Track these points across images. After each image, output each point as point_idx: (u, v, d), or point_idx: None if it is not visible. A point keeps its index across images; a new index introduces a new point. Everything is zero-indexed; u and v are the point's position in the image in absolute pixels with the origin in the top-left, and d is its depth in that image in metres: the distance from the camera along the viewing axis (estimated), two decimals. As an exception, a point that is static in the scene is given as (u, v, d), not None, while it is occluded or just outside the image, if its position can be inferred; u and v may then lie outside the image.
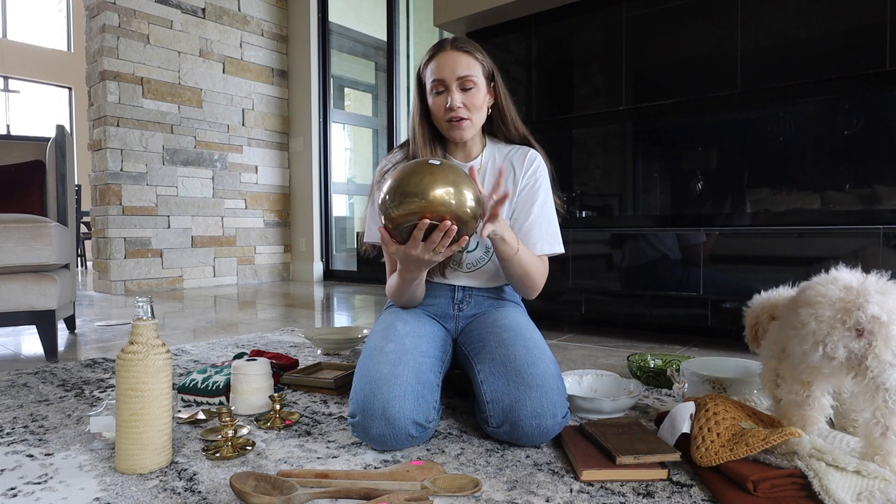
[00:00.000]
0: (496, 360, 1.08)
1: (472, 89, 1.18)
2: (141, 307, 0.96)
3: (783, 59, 1.90)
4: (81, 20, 8.65)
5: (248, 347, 2.06)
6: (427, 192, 0.95)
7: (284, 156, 5.00)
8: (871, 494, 0.76)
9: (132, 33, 4.03)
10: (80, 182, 7.49)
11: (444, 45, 1.20)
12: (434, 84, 1.19)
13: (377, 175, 1.30)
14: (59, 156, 2.26)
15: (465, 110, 1.19)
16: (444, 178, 0.97)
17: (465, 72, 1.17)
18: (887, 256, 1.69)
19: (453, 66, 1.17)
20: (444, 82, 1.18)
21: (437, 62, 1.18)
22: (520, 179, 1.27)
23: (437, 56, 1.19)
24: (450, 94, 1.17)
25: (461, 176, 1.00)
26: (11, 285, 1.87)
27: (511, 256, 1.15)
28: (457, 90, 1.18)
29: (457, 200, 0.97)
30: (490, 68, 1.23)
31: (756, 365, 1.34)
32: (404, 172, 0.99)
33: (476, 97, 1.19)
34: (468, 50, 1.19)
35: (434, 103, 1.20)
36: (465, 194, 0.98)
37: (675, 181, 2.20)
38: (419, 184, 0.96)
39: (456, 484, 0.87)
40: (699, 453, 0.90)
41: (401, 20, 4.44)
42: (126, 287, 4.03)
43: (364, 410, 1.01)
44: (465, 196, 0.98)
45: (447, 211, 0.96)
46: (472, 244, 1.27)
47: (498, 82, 1.26)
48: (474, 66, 1.18)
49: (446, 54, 1.18)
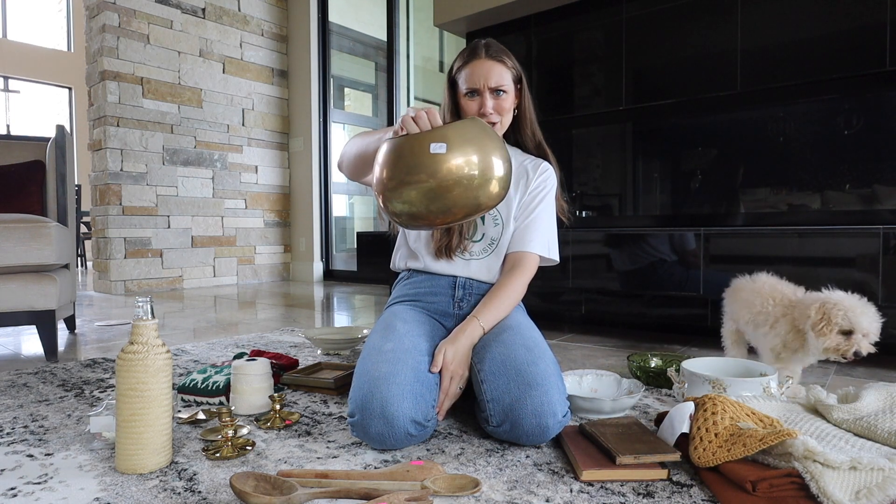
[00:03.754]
0: (496, 359, 1.09)
1: (503, 94, 1.26)
2: (141, 307, 0.96)
3: (783, 59, 1.90)
4: (81, 20, 8.66)
5: (248, 347, 2.06)
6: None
7: (284, 156, 5.01)
8: (869, 492, 0.76)
9: (132, 33, 4.03)
10: (80, 182, 7.49)
11: (477, 52, 1.26)
12: (468, 88, 1.26)
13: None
14: (59, 156, 2.26)
15: (495, 115, 1.27)
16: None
17: (498, 81, 1.25)
18: (887, 256, 1.69)
19: (486, 76, 1.24)
20: (478, 88, 1.25)
21: (470, 70, 1.25)
22: (531, 183, 1.33)
23: (470, 63, 1.25)
24: (483, 99, 1.25)
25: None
26: (11, 285, 1.87)
27: (492, 325, 1.21)
28: (489, 97, 1.25)
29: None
30: (518, 73, 1.30)
31: (756, 365, 1.34)
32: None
33: (506, 101, 1.27)
34: (501, 59, 1.26)
35: (468, 105, 1.27)
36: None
37: (674, 181, 2.20)
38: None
39: (456, 484, 0.88)
40: (697, 454, 0.90)
41: (401, 20, 4.44)
42: (126, 287, 4.03)
43: (363, 409, 1.01)
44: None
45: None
46: (478, 235, 1.31)
47: (524, 86, 1.33)
48: (505, 75, 1.26)
49: (480, 63, 1.24)
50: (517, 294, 1.26)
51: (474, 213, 0.97)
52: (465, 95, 1.27)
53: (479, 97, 1.26)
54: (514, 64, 1.29)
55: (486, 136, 0.96)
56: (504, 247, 1.32)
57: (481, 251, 1.32)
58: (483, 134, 0.96)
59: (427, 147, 0.92)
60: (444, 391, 1.12)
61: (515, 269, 1.27)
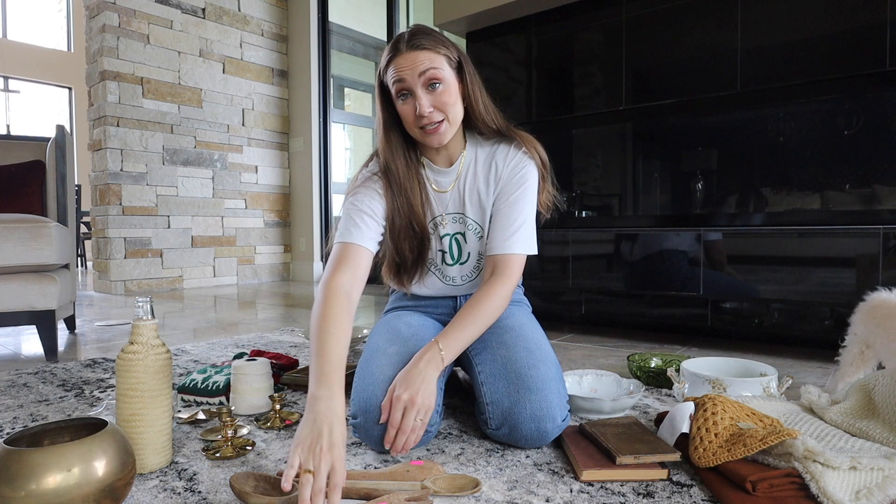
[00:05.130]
0: (497, 361, 1.08)
1: (440, 86, 1.06)
2: (141, 307, 0.96)
3: (783, 59, 1.90)
4: (81, 20, 8.65)
5: (248, 347, 2.06)
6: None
7: (284, 156, 5.01)
8: (869, 492, 0.76)
9: (132, 33, 4.03)
10: (80, 182, 7.49)
11: (399, 46, 1.07)
12: (397, 89, 1.07)
13: (351, 187, 1.20)
14: (59, 156, 2.26)
15: (437, 113, 1.07)
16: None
17: (427, 68, 1.05)
18: (887, 256, 1.69)
19: (413, 67, 1.05)
20: (406, 86, 1.06)
21: (395, 66, 1.06)
22: (503, 174, 1.17)
23: (394, 59, 1.07)
24: (416, 98, 1.06)
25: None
26: (11, 285, 1.87)
27: (457, 352, 1.06)
28: (423, 93, 1.06)
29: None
30: (457, 58, 1.10)
31: (756, 365, 1.34)
32: None
33: (446, 94, 1.07)
34: (426, 45, 1.06)
35: (402, 111, 1.09)
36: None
37: (674, 181, 2.20)
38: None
39: (456, 484, 0.88)
40: (697, 454, 0.90)
41: (401, 20, 4.44)
42: (126, 287, 4.03)
43: (366, 412, 1.00)
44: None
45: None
46: (464, 256, 1.22)
47: (466, 70, 1.11)
48: (437, 60, 1.06)
49: (403, 56, 1.06)
50: (496, 307, 1.09)
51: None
52: (398, 99, 1.08)
53: (413, 98, 1.07)
54: (448, 49, 1.08)
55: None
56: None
57: (472, 270, 1.24)
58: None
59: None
60: (394, 424, 0.95)
61: (497, 278, 1.11)
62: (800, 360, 1.81)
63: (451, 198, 1.21)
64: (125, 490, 0.76)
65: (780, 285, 1.87)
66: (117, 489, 0.74)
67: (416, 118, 1.08)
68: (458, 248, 1.23)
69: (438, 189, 1.21)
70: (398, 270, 1.23)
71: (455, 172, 1.20)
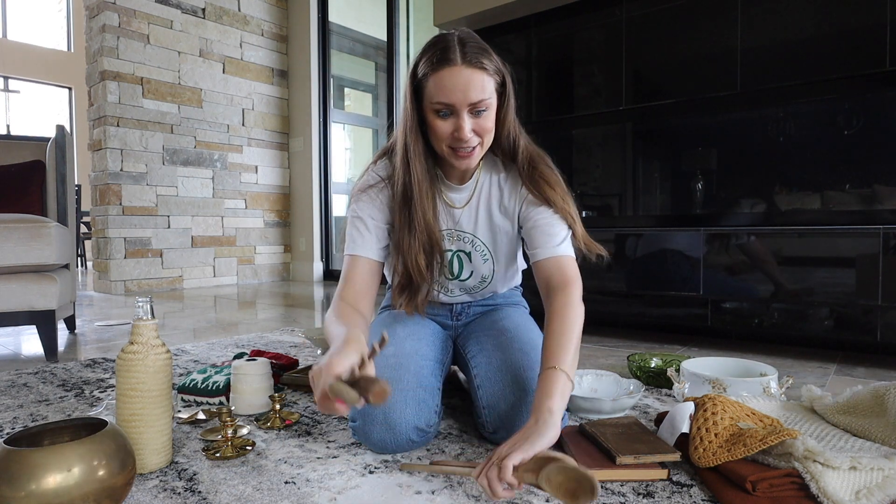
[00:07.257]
0: (493, 363, 1.07)
1: (485, 112, 0.99)
2: (141, 307, 0.96)
3: (783, 59, 1.90)
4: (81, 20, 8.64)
5: (248, 347, 2.06)
6: None
7: (284, 156, 5.00)
8: (869, 492, 0.76)
9: (132, 33, 4.03)
10: (80, 182, 7.48)
11: (451, 58, 0.95)
12: (439, 105, 0.98)
13: (355, 190, 1.16)
14: (59, 156, 2.26)
15: (475, 138, 1.00)
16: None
17: (480, 96, 0.96)
18: (887, 256, 1.69)
19: (465, 90, 0.95)
20: (452, 107, 0.97)
21: (443, 79, 0.96)
22: (509, 200, 1.14)
23: (443, 71, 0.96)
24: (459, 119, 0.98)
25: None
26: (11, 285, 1.87)
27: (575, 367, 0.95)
28: (468, 117, 0.98)
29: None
30: (502, 75, 1.03)
31: (756, 365, 1.34)
32: None
33: (488, 120, 1.01)
34: (481, 63, 0.96)
35: (437, 125, 1.00)
36: None
37: (674, 181, 2.20)
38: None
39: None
40: (697, 454, 0.90)
41: (401, 20, 4.43)
42: (126, 287, 4.03)
43: (364, 415, 1.00)
44: None
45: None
46: (465, 272, 1.20)
47: (508, 88, 1.04)
48: (488, 84, 0.98)
49: (456, 71, 0.95)
50: (579, 315, 1.00)
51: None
52: (435, 112, 0.99)
53: (454, 117, 0.98)
54: (496, 66, 1.00)
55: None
56: (499, 280, 1.22)
57: (476, 286, 1.21)
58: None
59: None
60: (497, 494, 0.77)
61: (565, 288, 1.02)
62: (800, 360, 1.81)
63: (464, 217, 1.16)
64: (125, 490, 0.76)
65: (780, 285, 1.87)
66: (117, 489, 0.74)
67: (451, 138, 1.00)
68: (458, 265, 1.19)
69: (450, 204, 1.16)
70: (410, 291, 1.15)
71: (468, 191, 1.15)
